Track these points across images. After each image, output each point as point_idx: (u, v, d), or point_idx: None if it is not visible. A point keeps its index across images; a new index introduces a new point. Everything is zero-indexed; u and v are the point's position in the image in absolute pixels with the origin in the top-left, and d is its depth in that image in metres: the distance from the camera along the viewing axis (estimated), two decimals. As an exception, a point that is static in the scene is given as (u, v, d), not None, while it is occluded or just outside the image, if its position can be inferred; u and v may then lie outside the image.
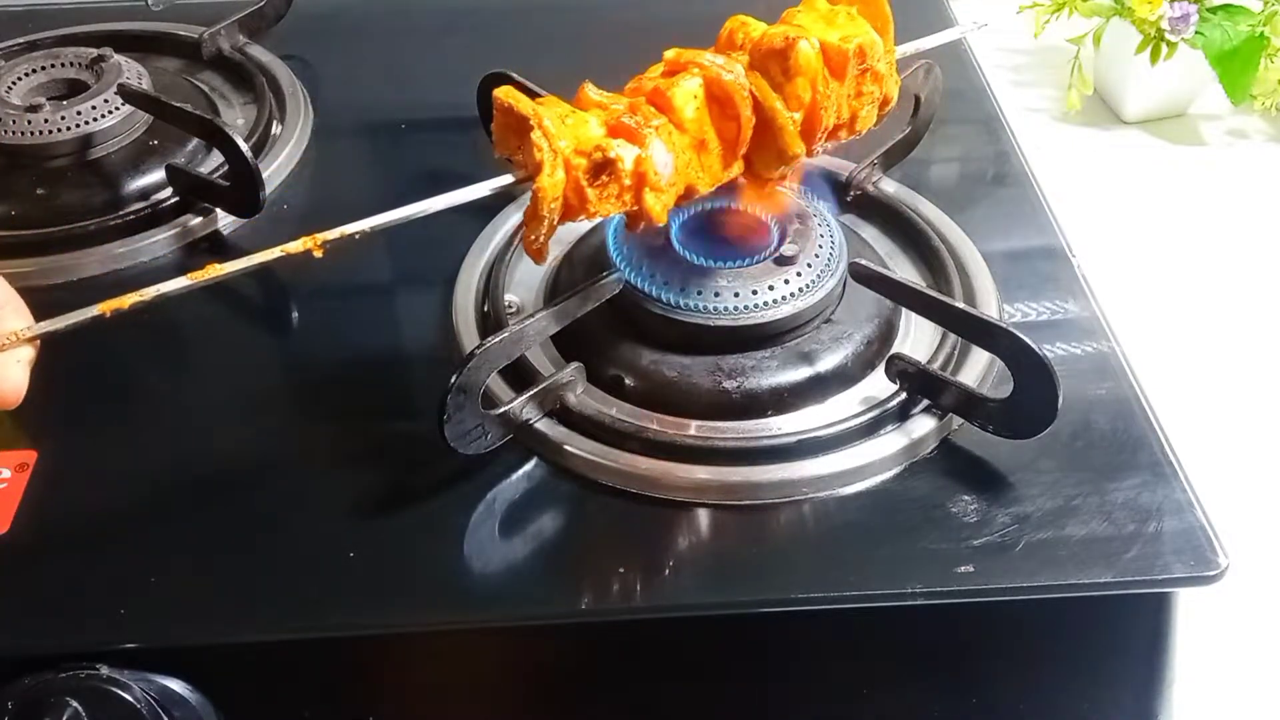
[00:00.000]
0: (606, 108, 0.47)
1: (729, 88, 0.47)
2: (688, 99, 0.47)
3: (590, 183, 0.45)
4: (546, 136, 0.44)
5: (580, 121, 0.46)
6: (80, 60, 0.65)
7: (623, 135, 0.46)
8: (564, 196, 0.45)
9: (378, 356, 0.55)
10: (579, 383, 0.50)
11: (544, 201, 0.44)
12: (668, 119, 0.47)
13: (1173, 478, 0.48)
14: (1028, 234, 0.60)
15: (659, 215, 0.47)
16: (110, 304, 0.40)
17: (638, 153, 0.46)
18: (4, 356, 0.38)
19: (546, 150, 0.44)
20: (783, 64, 0.47)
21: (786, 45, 0.47)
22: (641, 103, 0.47)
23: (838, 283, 0.52)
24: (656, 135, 0.46)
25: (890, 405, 0.49)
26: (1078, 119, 0.83)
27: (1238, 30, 0.77)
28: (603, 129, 0.46)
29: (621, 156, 0.45)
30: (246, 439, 0.51)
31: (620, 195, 0.46)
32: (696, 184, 0.48)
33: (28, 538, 0.46)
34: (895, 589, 0.44)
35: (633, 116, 0.46)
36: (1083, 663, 0.47)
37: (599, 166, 0.45)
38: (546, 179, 0.44)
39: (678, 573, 0.45)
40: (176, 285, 0.41)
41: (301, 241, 0.42)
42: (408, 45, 0.75)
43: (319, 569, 0.45)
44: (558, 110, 0.46)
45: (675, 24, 0.53)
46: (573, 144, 0.45)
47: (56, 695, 0.41)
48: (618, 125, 0.46)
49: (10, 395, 0.39)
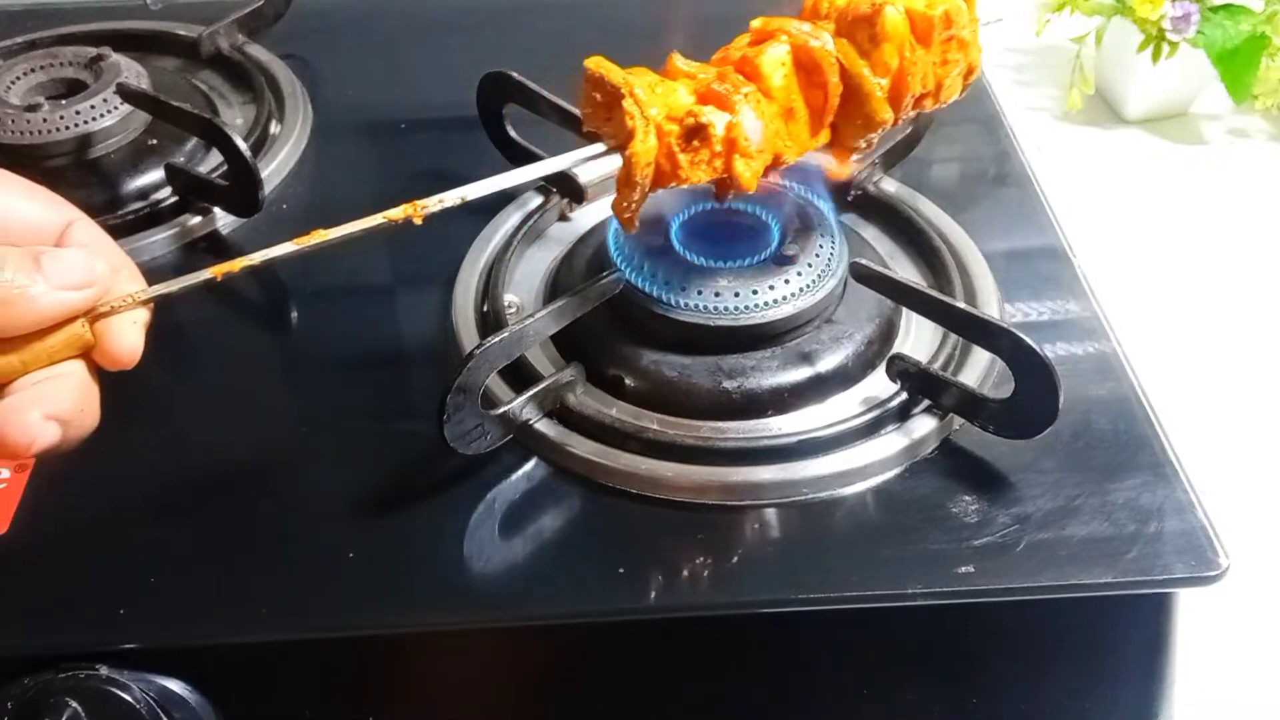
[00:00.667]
0: (695, 77, 0.47)
1: (816, 55, 0.47)
2: (775, 66, 0.47)
3: (683, 148, 0.45)
4: (638, 104, 0.44)
5: (670, 89, 0.46)
6: (79, 59, 0.65)
7: (713, 102, 0.46)
8: (656, 162, 0.45)
9: (378, 357, 0.55)
10: (579, 383, 0.50)
11: (637, 167, 0.44)
12: (756, 87, 0.46)
13: (1173, 478, 0.48)
14: (1028, 234, 0.60)
15: (749, 182, 0.47)
16: (222, 267, 0.40)
17: (729, 119, 0.46)
18: (122, 318, 0.39)
19: (639, 117, 0.44)
20: (870, 30, 0.47)
21: (873, 11, 0.47)
22: (730, 71, 0.47)
23: (838, 283, 0.52)
24: (746, 102, 0.46)
25: (891, 405, 0.49)
26: (1079, 118, 0.82)
27: (1239, 29, 0.77)
28: (693, 96, 0.46)
29: (713, 122, 0.45)
30: (246, 439, 0.51)
31: (711, 161, 0.46)
32: (785, 152, 0.48)
33: (28, 538, 0.46)
34: (895, 589, 0.44)
35: (722, 84, 0.46)
36: (1083, 663, 0.47)
37: (691, 132, 0.45)
38: (640, 144, 0.44)
39: (678, 573, 0.45)
40: (283, 250, 0.41)
41: (401, 209, 0.42)
42: (408, 45, 0.75)
43: (319, 569, 0.45)
44: (648, 79, 0.46)
45: (677, 23, 0.53)
46: (664, 110, 0.45)
47: (56, 695, 0.41)
48: (708, 92, 0.46)
49: (129, 355, 0.39)
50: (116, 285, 0.39)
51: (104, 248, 0.40)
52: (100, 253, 0.39)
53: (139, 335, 0.39)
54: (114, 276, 0.39)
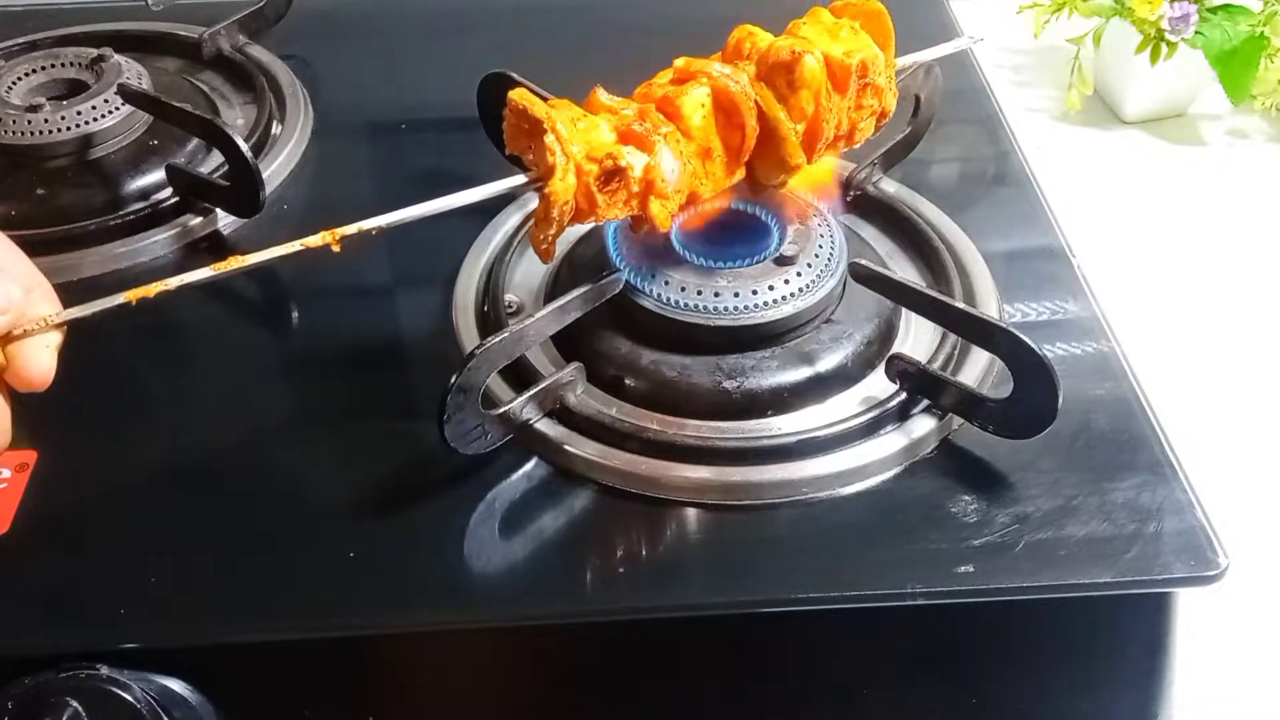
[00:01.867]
0: (616, 113, 0.47)
1: (735, 98, 0.47)
2: (695, 108, 0.47)
3: (600, 189, 0.46)
4: (560, 141, 0.45)
5: (591, 125, 0.46)
6: (80, 60, 0.65)
7: (632, 142, 0.46)
8: (575, 200, 0.46)
9: (378, 357, 0.55)
10: (579, 383, 0.50)
11: (555, 204, 0.45)
12: (676, 126, 0.47)
13: (1173, 478, 0.48)
14: (1028, 234, 0.60)
15: (663, 222, 0.48)
16: (136, 292, 0.41)
17: (646, 160, 0.46)
18: (34, 341, 0.39)
19: (559, 154, 0.45)
20: (788, 76, 0.48)
21: (793, 59, 0.48)
22: (651, 109, 0.47)
23: (838, 283, 0.52)
24: (665, 143, 0.47)
25: (890, 405, 0.49)
26: (1078, 119, 0.82)
27: (1238, 30, 0.77)
28: (613, 134, 0.46)
29: (632, 165, 0.46)
30: (246, 439, 0.51)
31: (628, 201, 0.47)
32: (700, 190, 0.49)
33: (28, 538, 0.46)
34: (895, 589, 0.44)
35: (642, 124, 0.46)
36: (1083, 663, 0.47)
37: (610, 174, 0.46)
38: (559, 183, 0.45)
39: (678, 573, 0.45)
40: (201, 275, 0.42)
41: (320, 236, 0.43)
42: (408, 45, 0.75)
43: (319, 569, 0.45)
44: (570, 114, 0.46)
45: (675, 24, 0.53)
46: (585, 149, 0.45)
47: (56, 695, 0.41)
48: (628, 132, 0.46)
49: (40, 378, 0.39)
50: (30, 307, 0.39)
51: (18, 268, 0.40)
52: (14, 274, 0.39)
53: (51, 358, 0.39)
54: (27, 299, 0.39)
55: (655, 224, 0.48)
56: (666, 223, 0.48)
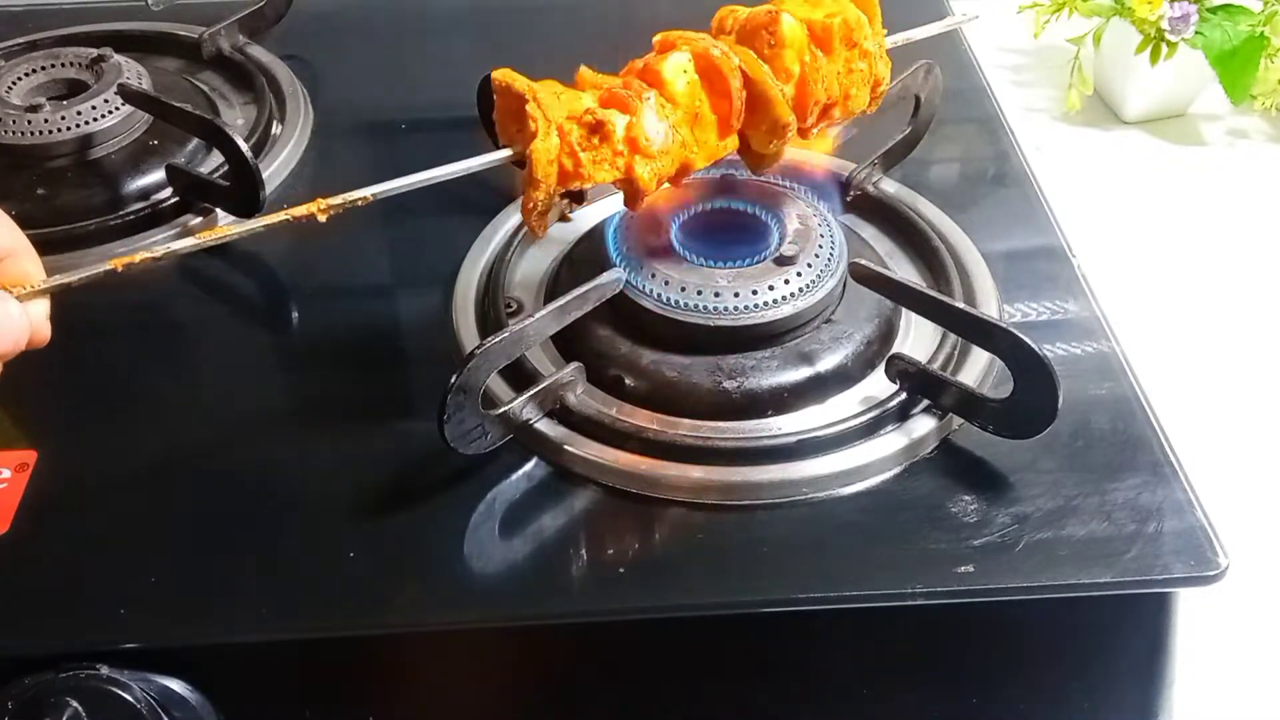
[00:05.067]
0: (600, 86, 0.48)
1: (717, 61, 0.48)
2: (677, 73, 0.48)
3: (584, 146, 0.46)
4: (540, 107, 0.45)
5: (574, 96, 0.47)
6: (80, 60, 0.65)
7: (614, 105, 0.47)
8: (559, 162, 0.46)
9: (378, 356, 0.55)
10: (579, 383, 0.50)
11: (539, 165, 0.46)
12: (658, 92, 0.48)
13: (1173, 478, 0.48)
14: (1028, 234, 0.60)
15: (648, 184, 0.48)
16: (122, 259, 0.41)
17: (629, 119, 0.47)
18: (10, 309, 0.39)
19: (541, 119, 0.45)
20: (769, 37, 0.49)
21: (770, 19, 0.49)
22: (633, 80, 0.48)
23: (838, 283, 0.52)
24: (647, 106, 0.47)
25: (890, 405, 0.49)
26: (1078, 119, 0.83)
27: (1238, 30, 0.77)
28: (595, 102, 0.47)
29: (612, 120, 0.46)
30: (246, 439, 0.51)
31: (613, 160, 0.47)
32: (692, 158, 0.49)
33: (28, 538, 0.46)
34: (895, 589, 0.44)
35: (625, 90, 0.47)
36: (1083, 663, 0.47)
37: (591, 129, 0.46)
38: (540, 143, 0.45)
39: (678, 573, 0.45)
40: (186, 244, 0.42)
41: (306, 206, 0.43)
42: (408, 45, 0.75)
43: (319, 569, 0.45)
44: (553, 88, 0.47)
45: (675, 25, 0.53)
46: (565, 112, 0.46)
47: (56, 695, 0.41)
48: (609, 96, 0.47)
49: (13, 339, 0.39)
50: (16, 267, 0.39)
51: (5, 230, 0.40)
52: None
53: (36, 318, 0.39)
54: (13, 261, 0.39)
55: (640, 185, 0.48)
56: (651, 185, 0.48)
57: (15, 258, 0.40)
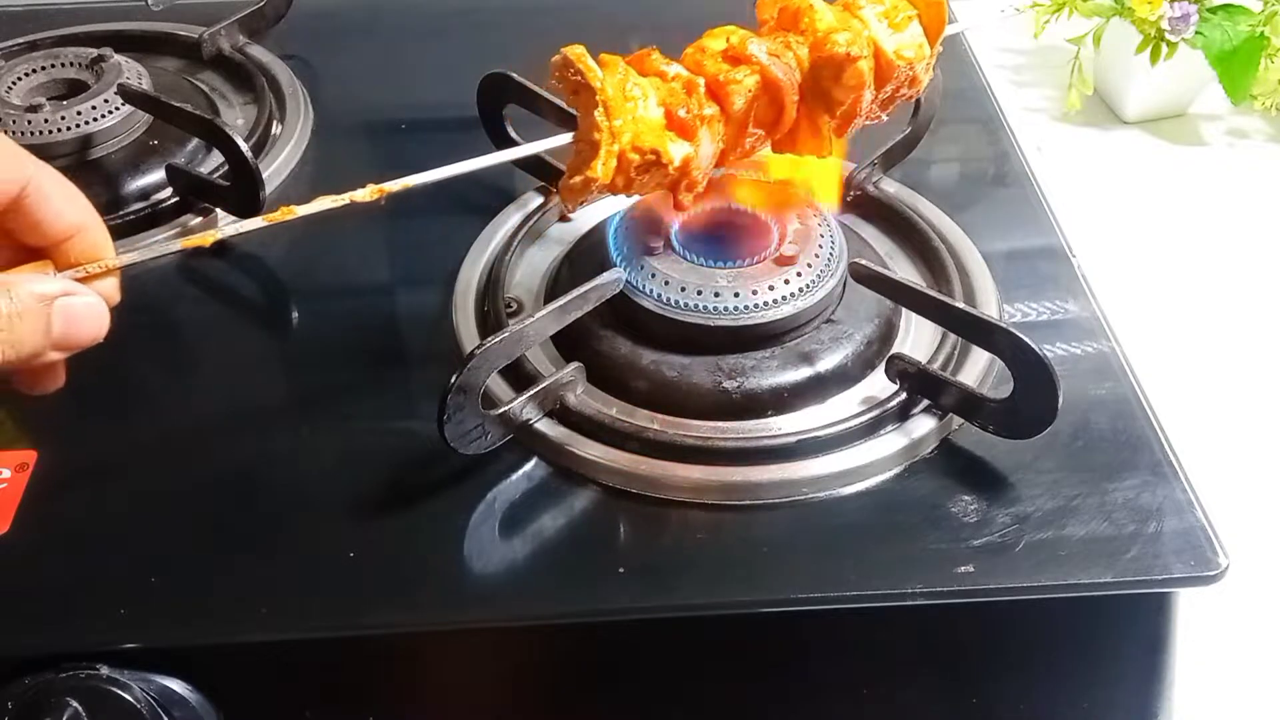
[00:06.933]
0: (665, 77, 0.47)
1: (783, 89, 0.48)
2: (742, 94, 0.48)
3: (640, 172, 0.46)
4: (608, 113, 0.45)
5: (643, 95, 0.46)
6: (80, 60, 0.65)
7: (675, 128, 0.47)
8: (612, 180, 0.46)
9: (378, 356, 0.55)
10: (579, 383, 0.50)
11: (593, 183, 0.45)
12: (718, 110, 0.47)
13: (1173, 478, 0.48)
14: (1028, 234, 0.60)
15: (686, 207, 0.49)
16: (193, 240, 0.41)
17: (687, 152, 0.47)
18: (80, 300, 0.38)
19: (605, 134, 0.45)
20: (836, 73, 0.48)
21: (845, 60, 0.48)
22: (699, 86, 0.47)
23: (838, 283, 0.52)
24: (707, 129, 0.47)
25: (890, 405, 0.49)
26: (1078, 119, 0.82)
27: (1238, 30, 0.77)
28: (660, 109, 0.46)
29: (673, 159, 0.46)
30: (246, 439, 0.51)
31: (659, 184, 0.48)
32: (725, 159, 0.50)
33: (28, 538, 0.46)
34: (895, 589, 0.44)
35: (689, 105, 0.47)
36: (1083, 663, 0.47)
37: (652, 162, 0.46)
38: (600, 166, 0.45)
39: (678, 573, 0.45)
40: (253, 225, 0.42)
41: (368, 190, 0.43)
42: (408, 45, 0.75)
43: (319, 569, 0.45)
44: (618, 78, 0.46)
45: (676, 25, 0.53)
46: (632, 138, 0.45)
47: (56, 695, 0.41)
48: (673, 117, 0.46)
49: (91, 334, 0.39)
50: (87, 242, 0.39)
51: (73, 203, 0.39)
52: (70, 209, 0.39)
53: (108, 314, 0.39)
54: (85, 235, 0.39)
55: (679, 207, 0.49)
56: (687, 203, 0.49)
57: (87, 233, 0.39)
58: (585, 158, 0.45)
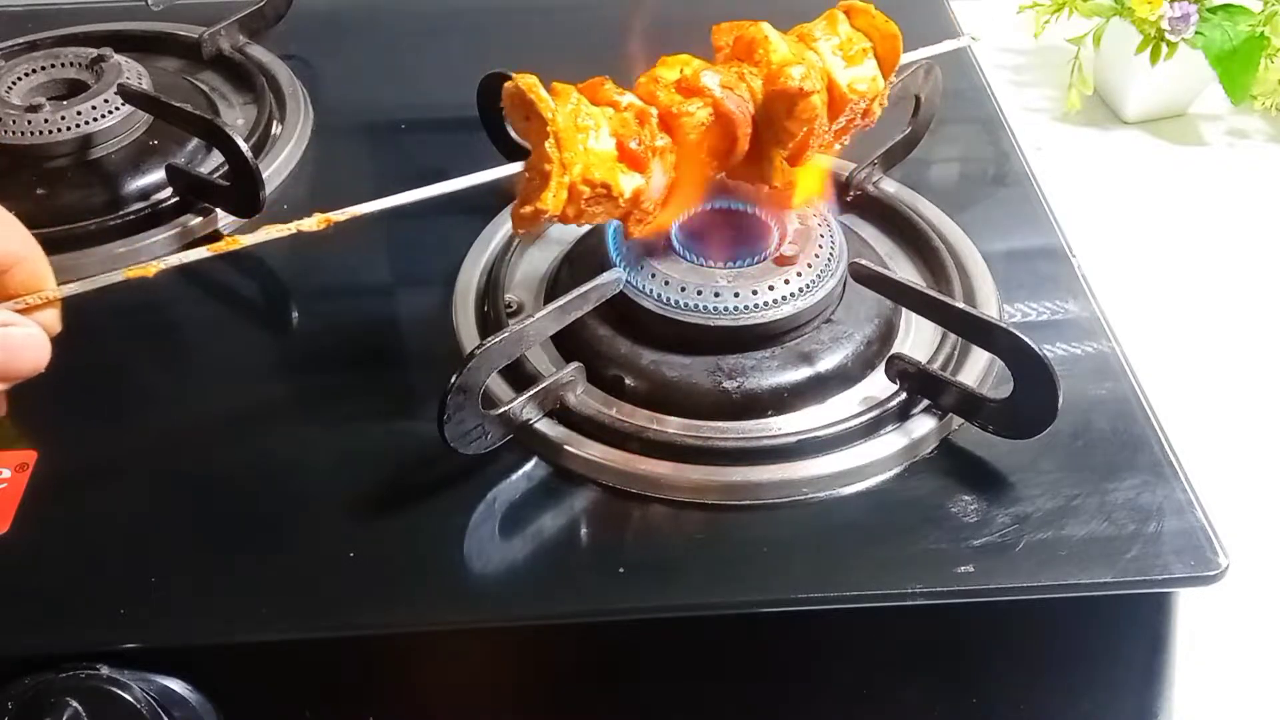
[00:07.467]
0: (618, 107, 0.47)
1: (736, 121, 0.48)
2: (695, 128, 0.48)
3: (590, 203, 0.46)
4: (559, 145, 0.44)
5: (595, 125, 0.46)
6: (80, 60, 0.65)
7: (627, 159, 0.46)
8: (563, 211, 0.46)
9: (378, 357, 0.55)
10: (579, 383, 0.50)
11: (541, 215, 0.45)
12: (670, 142, 0.47)
13: (1173, 478, 0.48)
14: (1028, 234, 0.60)
15: (633, 232, 0.49)
16: (135, 270, 0.40)
17: (638, 184, 0.47)
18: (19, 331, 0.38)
19: (556, 165, 0.45)
20: (789, 106, 0.48)
21: (798, 95, 0.48)
22: (651, 117, 0.47)
23: (838, 283, 0.52)
24: (659, 160, 0.47)
25: (890, 405, 0.49)
26: (1078, 119, 0.83)
27: (1238, 30, 0.77)
28: (613, 140, 0.46)
29: (623, 191, 0.46)
30: (246, 439, 0.51)
31: (610, 214, 0.48)
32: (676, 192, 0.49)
33: (28, 538, 0.46)
34: (895, 589, 0.44)
35: (640, 138, 0.47)
36: (1083, 663, 0.47)
37: (603, 195, 0.46)
38: (550, 198, 0.45)
39: (678, 573, 0.45)
40: (196, 255, 0.42)
41: (316, 219, 0.43)
42: (408, 45, 0.75)
43: (319, 569, 0.45)
44: (571, 108, 0.46)
45: (677, 25, 0.53)
46: (582, 170, 0.45)
47: (56, 695, 0.41)
48: (624, 149, 0.46)
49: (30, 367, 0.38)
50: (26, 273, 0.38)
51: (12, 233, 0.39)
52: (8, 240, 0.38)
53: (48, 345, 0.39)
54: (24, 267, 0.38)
55: (629, 236, 0.49)
56: (635, 233, 0.49)
57: (26, 264, 0.39)
58: (536, 187, 0.45)
